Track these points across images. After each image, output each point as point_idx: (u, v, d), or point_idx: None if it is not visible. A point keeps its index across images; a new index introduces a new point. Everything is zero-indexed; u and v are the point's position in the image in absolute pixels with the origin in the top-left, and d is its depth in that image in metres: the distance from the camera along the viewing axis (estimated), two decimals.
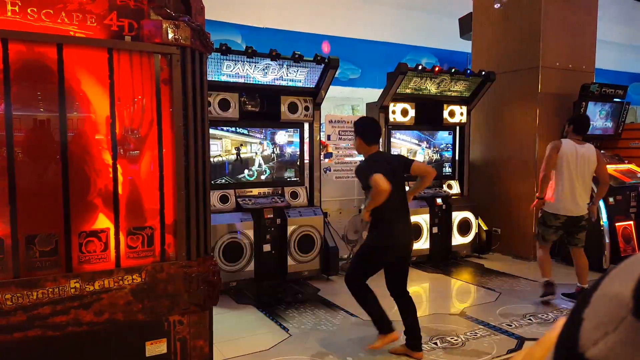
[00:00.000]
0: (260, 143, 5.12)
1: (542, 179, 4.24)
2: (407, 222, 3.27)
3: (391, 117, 5.73)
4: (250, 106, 5.07)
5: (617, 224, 5.65)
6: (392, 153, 3.68)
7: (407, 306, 3.28)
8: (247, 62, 4.71)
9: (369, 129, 3.22)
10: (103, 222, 2.28)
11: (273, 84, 5.02)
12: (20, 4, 2.08)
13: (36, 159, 2.22)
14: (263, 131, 5.12)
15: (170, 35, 2.33)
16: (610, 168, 5.83)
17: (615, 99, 6.32)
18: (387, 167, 3.12)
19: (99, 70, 2.28)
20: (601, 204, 5.53)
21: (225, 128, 4.92)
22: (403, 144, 6.01)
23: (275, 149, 5.20)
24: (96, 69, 2.29)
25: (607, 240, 5.50)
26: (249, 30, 8.67)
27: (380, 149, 5.17)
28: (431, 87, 5.92)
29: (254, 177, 5.08)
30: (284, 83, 5.05)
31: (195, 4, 2.48)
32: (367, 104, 6.07)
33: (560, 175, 4.19)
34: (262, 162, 5.12)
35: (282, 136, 5.23)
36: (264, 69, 4.86)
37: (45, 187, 2.18)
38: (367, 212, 3.14)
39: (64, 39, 2.18)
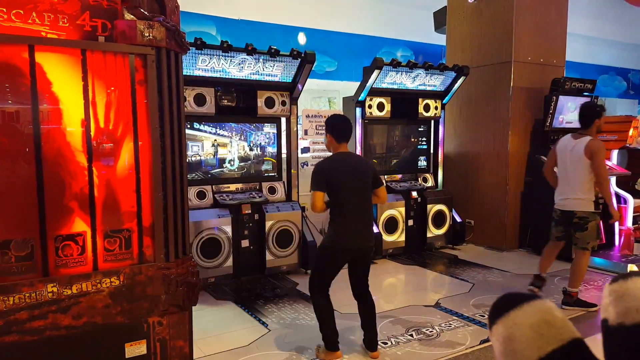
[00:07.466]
0: (237, 138, 5.10)
1: (544, 172, 4.42)
2: (364, 225, 3.18)
3: (367, 112, 5.78)
4: (226, 101, 5.04)
5: None
6: (361, 156, 3.67)
7: (365, 306, 3.30)
8: (222, 56, 4.68)
9: (340, 127, 3.18)
10: (79, 225, 2.25)
11: (249, 78, 5.00)
12: None
13: (9, 164, 2.17)
14: (240, 126, 5.10)
15: (145, 36, 2.30)
16: None
17: (584, 93, 6.50)
18: (349, 170, 3.11)
19: (72, 72, 2.24)
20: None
21: (201, 124, 4.89)
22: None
23: (252, 144, 5.20)
24: (69, 70, 2.25)
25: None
26: (223, 22, 8.56)
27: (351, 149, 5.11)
28: (407, 82, 5.99)
29: (231, 173, 5.07)
30: (260, 78, 5.04)
31: (169, 3, 2.44)
32: (344, 99, 6.11)
33: (557, 170, 4.30)
34: (239, 157, 5.11)
35: (259, 131, 5.23)
36: (239, 64, 4.83)
37: (20, 192, 2.15)
38: None
39: (36, 40, 2.13)
